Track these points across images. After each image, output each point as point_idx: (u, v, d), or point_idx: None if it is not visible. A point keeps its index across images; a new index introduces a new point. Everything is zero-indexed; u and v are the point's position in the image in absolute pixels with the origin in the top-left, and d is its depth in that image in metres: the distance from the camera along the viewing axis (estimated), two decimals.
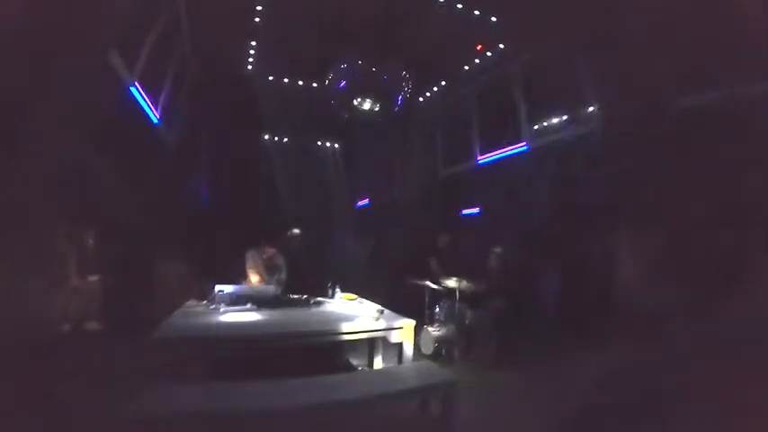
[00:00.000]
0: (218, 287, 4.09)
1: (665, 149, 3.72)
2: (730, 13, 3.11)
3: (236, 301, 4.03)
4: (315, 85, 6.75)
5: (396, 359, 3.81)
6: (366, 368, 4.21)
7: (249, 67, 6.37)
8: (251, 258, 4.96)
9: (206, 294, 4.22)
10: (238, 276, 4.85)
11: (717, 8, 3.18)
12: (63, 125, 3.68)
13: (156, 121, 5.35)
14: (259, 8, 5.14)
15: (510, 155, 6.41)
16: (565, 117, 5.63)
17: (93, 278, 4.63)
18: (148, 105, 5.11)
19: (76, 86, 3.59)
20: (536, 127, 6.03)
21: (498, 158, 6.64)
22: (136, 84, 4.67)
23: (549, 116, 5.81)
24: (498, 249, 5.54)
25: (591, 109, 5.21)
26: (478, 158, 7.07)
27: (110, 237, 4.63)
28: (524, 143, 6.15)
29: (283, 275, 5.14)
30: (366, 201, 8.82)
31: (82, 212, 4.34)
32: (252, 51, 6.07)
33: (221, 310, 3.90)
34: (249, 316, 3.83)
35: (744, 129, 2.65)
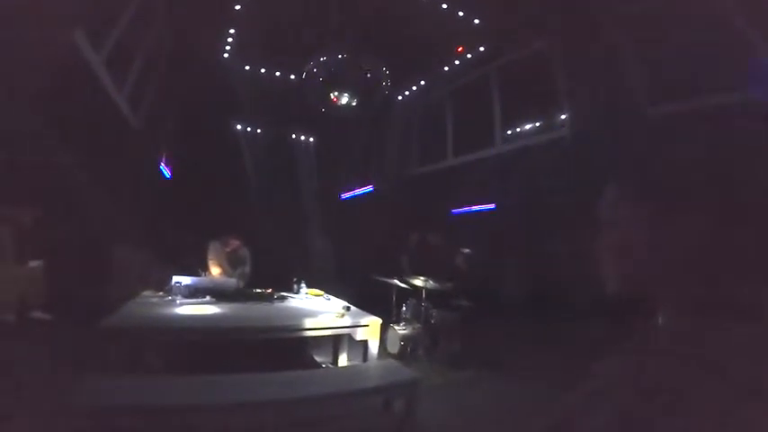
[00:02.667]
0: (175, 278, 3.91)
1: (633, 156, 3.80)
2: (704, 23, 3.21)
3: (194, 293, 3.88)
4: (292, 77, 6.60)
5: (361, 357, 3.74)
6: (330, 365, 4.12)
7: (226, 54, 6.17)
8: (213, 250, 4.79)
9: (162, 285, 4.03)
10: (199, 268, 4.66)
11: (691, 17, 3.28)
12: (17, 100, 3.47)
13: (119, 101, 5.09)
14: None
15: (481, 157, 6.45)
16: (537, 123, 5.72)
17: (37, 262, 4.34)
18: (113, 86, 4.86)
19: (35, 62, 3.39)
20: (508, 131, 6.11)
21: (471, 160, 6.67)
22: (102, 64, 4.44)
23: (522, 121, 5.89)
24: (466, 250, 5.55)
25: (563, 116, 5.30)
26: (451, 159, 7.09)
27: (64, 219, 4.36)
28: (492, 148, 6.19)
29: (247, 269, 4.99)
30: (337, 197, 8.66)
31: (35, 193, 4.09)
32: (230, 39, 5.89)
33: (178, 301, 3.73)
34: (207, 309, 3.67)
35: (715, 138, 2.73)
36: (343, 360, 4.02)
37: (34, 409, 2.52)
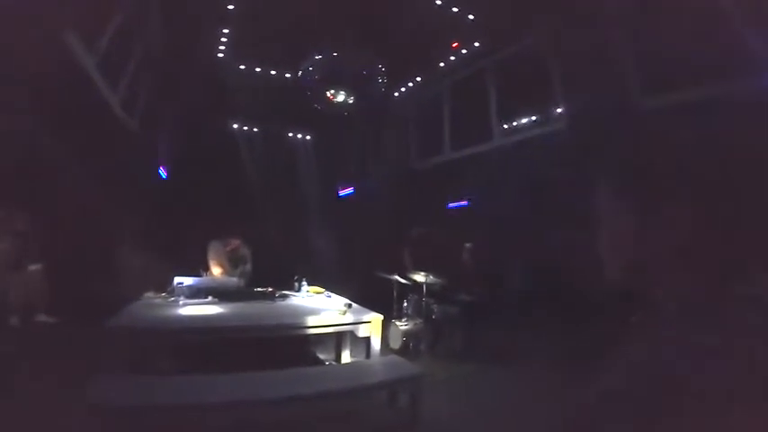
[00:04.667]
0: (177, 279, 3.92)
1: (630, 149, 3.84)
2: (699, 15, 3.23)
3: (196, 293, 3.90)
4: (288, 75, 6.59)
5: (363, 353, 3.77)
6: (333, 362, 4.15)
7: (220, 54, 6.15)
8: (213, 249, 4.79)
9: (165, 286, 4.04)
10: (200, 268, 4.68)
11: (685, 9, 3.30)
12: (16, 106, 3.47)
13: (115, 104, 5.07)
14: None
15: (479, 152, 6.47)
16: (534, 117, 5.74)
17: (46, 265, 4.35)
18: (108, 88, 4.84)
19: (32, 66, 3.38)
20: (505, 126, 6.12)
21: (467, 154, 6.69)
22: (95, 66, 4.42)
23: (519, 115, 5.90)
24: (469, 244, 5.58)
25: (559, 109, 5.32)
26: (449, 153, 7.11)
27: (64, 222, 4.35)
28: (492, 141, 6.21)
29: (248, 268, 5.00)
30: (336, 194, 8.69)
31: (37, 197, 4.09)
32: (224, 39, 5.86)
33: (180, 302, 3.75)
34: (209, 309, 3.70)
35: (709, 129, 2.76)
36: (345, 357, 4.05)
37: (42, 410, 2.56)
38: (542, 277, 4.87)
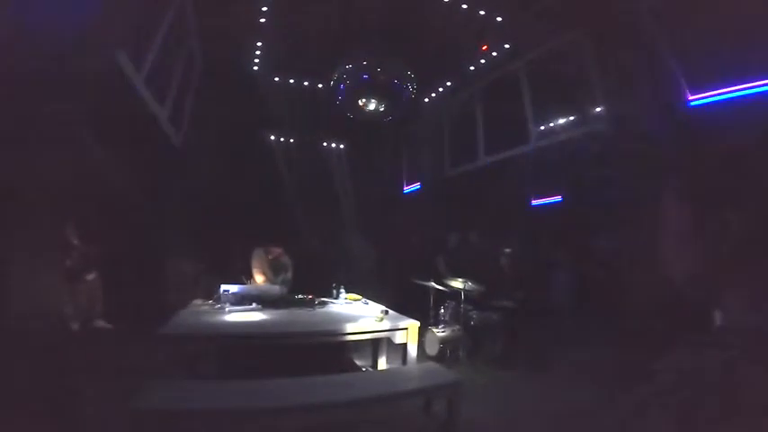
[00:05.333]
0: (223, 287, 4.11)
1: (674, 148, 3.68)
2: (739, 11, 3.07)
3: (240, 300, 4.05)
4: (320, 85, 6.76)
5: (400, 360, 3.80)
6: (370, 369, 4.21)
7: (255, 67, 6.39)
8: (257, 258, 4.97)
9: (212, 293, 4.24)
10: (243, 276, 4.87)
11: (725, 6, 3.14)
12: (73, 125, 3.71)
13: (162, 120, 5.37)
14: (265, 8, 5.15)
15: (516, 155, 6.36)
16: (571, 117, 5.57)
17: (101, 275, 4.67)
18: (155, 105, 5.13)
19: (86, 87, 3.62)
20: (542, 127, 5.98)
21: (505, 158, 6.59)
22: (143, 83, 4.69)
23: (556, 116, 5.75)
24: (508, 249, 5.50)
25: (598, 108, 5.15)
26: (484, 158, 7.03)
27: (118, 235, 4.66)
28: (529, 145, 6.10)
29: (289, 275, 5.14)
30: (371, 202, 8.76)
31: (92, 211, 4.38)
32: (258, 52, 6.10)
33: (226, 309, 3.92)
34: (254, 316, 3.84)
35: (753, 126, 2.62)
36: (382, 363, 4.09)
37: (100, 411, 2.75)
38: (586, 284, 4.73)
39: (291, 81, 6.84)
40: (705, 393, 0.59)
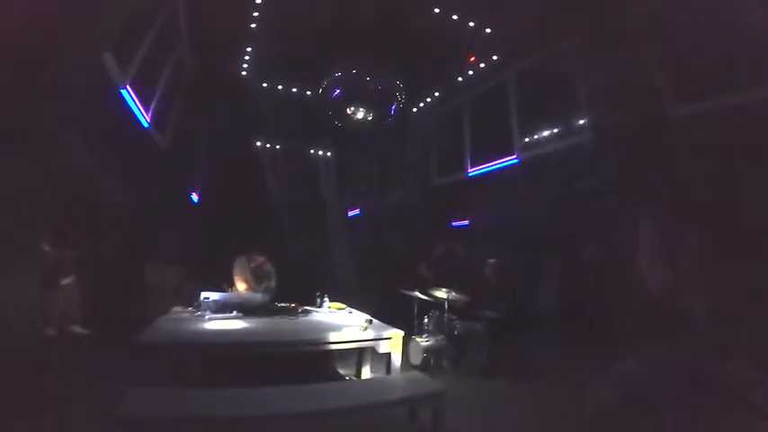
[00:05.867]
0: (203, 294, 4.03)
1: (659, 158, 3.75)
2: (729, 20, 3.17)
3: (221, 308, 3.98)
4: (309, 92, 6.76)
5: (384, 369, 3.76)
6: (354, 378, 4.16)
7: (244, 72, 6.37)
8: (239, 266, 4.90)
9: (191, 301, 4.15)
10: (225, 283, 4.79)
11: (714, 14, 3.23)
12: (53, 126, 3.62)
13: (146, 124, 5.29)
14: (255, 14, 5.15)
15: (501, 167, 6.44)
16: (557, 129, 5.67)
17: (77, 280, 4.53)
18: (139, 108, 5.06)
19: (69, 87, 3.55)
20: (527, 139, 6.08)
21: (490, 170, 6.66)
22: (128, 86, 4.63)
23: (542, 127, 5.85)
24: (492, 260, 5.52)
25: (583, 120, 5.26)
26: (469, 170, 7.10)
27: (96, 239, 4.54)
28: (516, 155, 6.19)
29: (272, 283, 5.08)
30: (357, 211, 8.79)
31: (69, 214, 4.27)
32: (247, 57, 6.08)
33: (207, 317, 3.84)
34: (235, 324, 3.77)
35: (741, 137, 2.69)
36: (366, 372, 4.05)
37: (78, 419, 2.65)
38: (569, 294, 4.77)
39: (280, 87, 6.83)
40: (676, 402, 0.59)
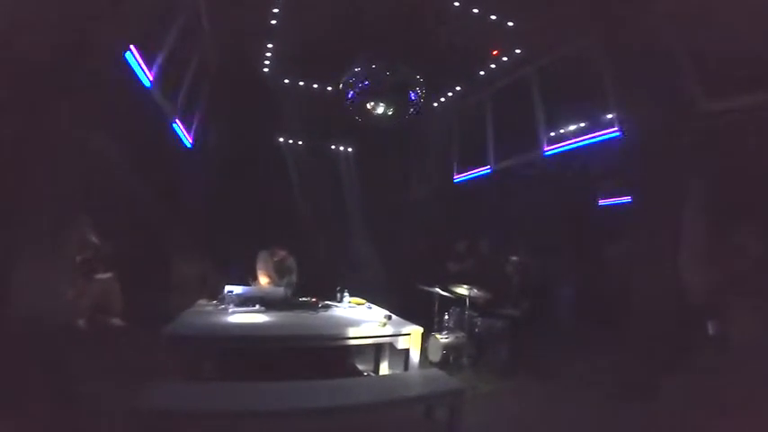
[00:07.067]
0: (227, 288, 4.12)
1: (691, 156, 3.59)
2: (761, 13, 2.99)
3: (244, 302, 4.05)
4: (329, 88, 6.78)
5: (402, 366, 3.77)
6: (372, 374, 4.18)
7: (265, 69, 6.43)
8: (262, 260, 4.98)
9: (216, 294, 4.25)
10: (248, 277, 4.88)
11: (747, 7, 3.06)
12: (82, 124, 3.74)
13: (172, 121, 5.42)
14: (275, 11, 5.18)
15: (524, 163, 6.30)
16: (583, 123, 5.50)
17: (108, 274, 4.69)
18: (166, 107, 5.18)
19: (95, 86, 3.64)
20: (552, 134, 5.92)
21: (512, 165, 6.53)
22: (154, 82, 4.73)
23: (567, 122, 5.68)
24: (515, 258, 5.43)
25: (610, 115, 5.08)
26: (491, 166, 6.98)
27: (124, 234, 4.69)
28: (540, 151, 6.04)
29: (294, 278, 5.15)
30: (377, 206, 8.73)
31: (99, 210, 4.41)
32: (268, 54, 6.14)
33: (230, 310, 3.92)
34: (257, 317, 3.84)
35: None
36: (384, 368, 4.06)
37: (103, 411, 2.75)
38: (591, 293, 4.65)
39: (301, 83, 6.87)
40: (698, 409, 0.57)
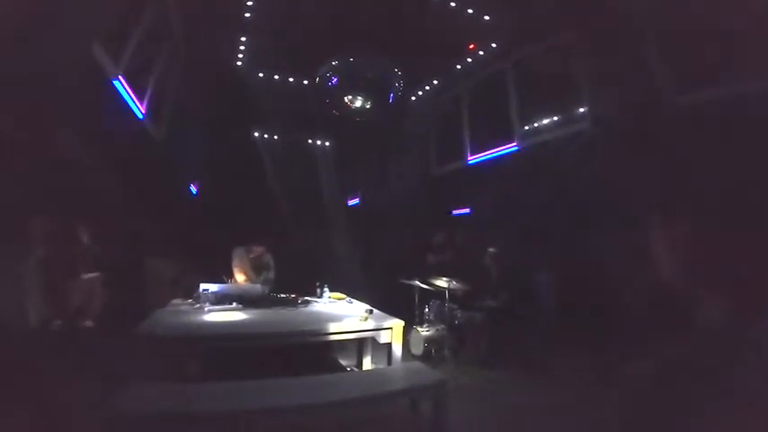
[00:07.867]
0: (203, 286, 4.00)
1: (660, 148, 3.71)
2: (732, 7, 3.10)
3: (221, 300, 3.96)
4: (306, 82, 6.67)
5: (385, 360, 3.76)
6: (355, 369, 4.16)
7: (239, 62, 6.28)
8: (238, 257, 4.87)
9: (191, 293, 4.13)
10: (224, 275, 4.76)
11: (718, 1, 3.17)
12: (47, 120, 3.57)
13: (141, 115, 5.22)
14: (250, 3, 5.05)
15: (501, 154, 6.39)
16: (556, 117, 5.60)
17: (98, 275, 4.49)
18: (134, 100, 4.98)
19: (60, 79, 3.48)
20: (527, 127, 6.01)
21: (489, 158, 6.61)
22: (120, 78, 4.54)
23: (541, 116, 5.78)
24: (492, 249, 5.50)
25: (583, 108, 5.19)
26: (469, 158, 7.05)
27: (94, 232, 4.49)
28: (515, 143, 6.14)
29: (271, 274, 5.06)
30: (356, 200, 8.75)
31: (66, 208, 4.22)
32: (242, 47, 5.98)
33: (206, 309, 3.82)
34: (234, 315, 3.75)
35: (745, 127, 2.65)
36: (367, 363, 4.05)
37: (77, 413, 2.63)
38: (570, 284, 4.76)
39: (276, 77, 6.73)
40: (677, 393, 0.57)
